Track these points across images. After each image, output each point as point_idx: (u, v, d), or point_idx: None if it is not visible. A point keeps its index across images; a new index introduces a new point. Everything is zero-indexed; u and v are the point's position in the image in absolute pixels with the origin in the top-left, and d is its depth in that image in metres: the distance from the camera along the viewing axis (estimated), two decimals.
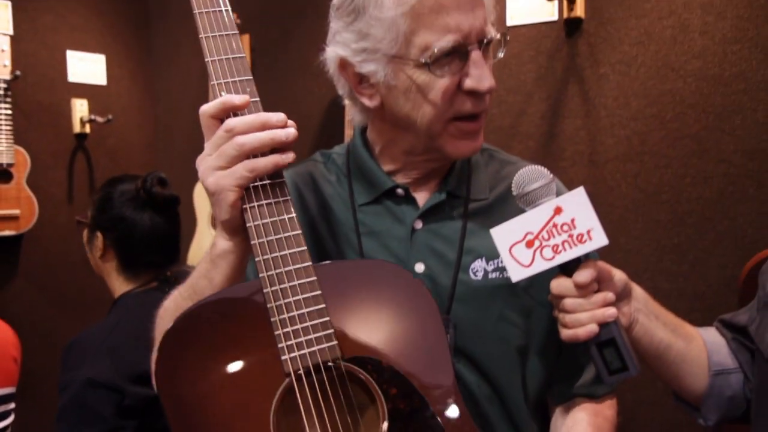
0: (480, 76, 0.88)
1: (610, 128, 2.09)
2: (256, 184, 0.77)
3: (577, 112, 2.14)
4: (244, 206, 0.77)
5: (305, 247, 0.77)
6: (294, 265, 0.75)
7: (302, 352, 0.72)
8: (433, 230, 0.97)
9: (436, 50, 0.86)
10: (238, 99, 0.78)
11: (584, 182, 2.13)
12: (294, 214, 0.78)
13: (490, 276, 0.96)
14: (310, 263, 0.76)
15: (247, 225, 0.76)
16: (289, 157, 0.78)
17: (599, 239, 0.78)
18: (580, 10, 2.08)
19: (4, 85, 2.43)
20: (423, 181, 1.00)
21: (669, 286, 2.04)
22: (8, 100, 2.44)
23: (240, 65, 0.80)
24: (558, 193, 1.05)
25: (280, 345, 0.72)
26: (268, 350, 0.73)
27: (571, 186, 2.20)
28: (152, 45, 3.17)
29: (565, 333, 0.82)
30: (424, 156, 0.97)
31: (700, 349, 0.95)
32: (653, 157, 2.03)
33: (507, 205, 0.97)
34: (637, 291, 0.89)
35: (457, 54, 0.87)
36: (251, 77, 0.81)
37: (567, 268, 0.81)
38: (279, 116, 0.78)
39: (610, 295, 0.80)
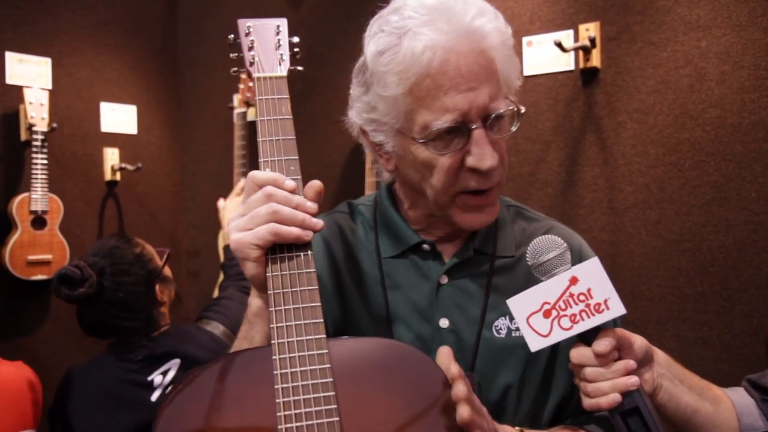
0: (481, 155, 0.87)
1: (628, 176, 2.09)
2: (283, 254, 0.80)
3: (595, 160, 2.15)
4: (267, 274, 0.79)
5: (321, 320, 0.78)
6: (307, 336, 0.76)
7: (300, 423, 0.70)
8: (459, 286, 0.98)
9: (434, 129, 0.86)
10: (289, 183, 0.82)
11: (603, 229, 2.13)
12: (316, 287, 0.79)
13: (513, 334, 0.96)
14: (324, 336, 0.77)
15: (268, 293, 0.78)
16: (309, 235, 0.81)
17: (617, 309, 0.78)
18: (596, 61, 2.11)
19: (41, 137, 2.54)
20: (449, 237, 1.01)
21: (693, 335, 2.00)
22: (45, 150, 2.55)
23: (289, 146, 0.87)
24: (579, 252, 1.06)
25: (278, 414, 0.71)
26: (267, 418, 0.71)
27: (591, 233, 2.22)
28: (181, 96, 3.29)
29: (588, 402, 0.81)
30: (445, 219, 0.98)
31: (729, 411, 0.93)
32: (673, 205, 2.02)
33: None
34: (660, 355, 0.87)
35: (459, 132, 0.87)
36: (297, 157, 0.87)
37: (586, 337, 0.81)
38: (314, 205, 0.82)
39: (631, 363, 0.80)
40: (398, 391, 0.77)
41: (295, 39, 1.01)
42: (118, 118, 2.99)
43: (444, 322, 0.96)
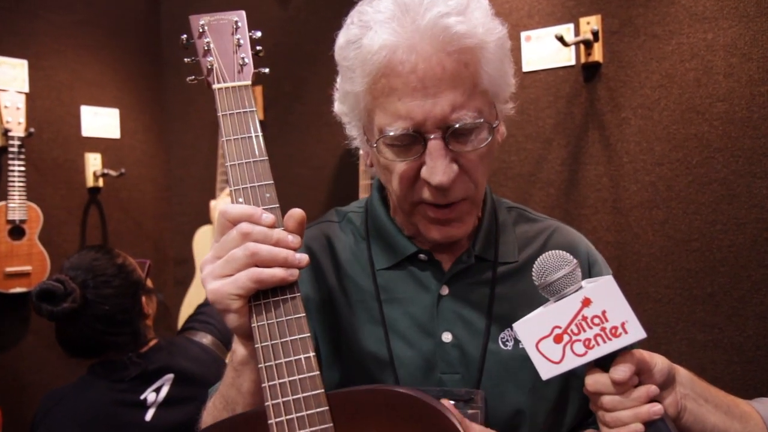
0: (433, 168, 0.80)
1: (633, 174, 2.02)
2: (267, 299, 0.72)
3: (598, 158, 2.08)
4: (252, 325, 0.71)
5: (317, 372, 0.70)
6: (304, 393, 0.68)
7: None
8: (460, 297, 0.92)
9: (388, 135, 0.80)
10: (267, 217, 0.73)
11: (608, 229, 2.05)
12: (308, 334, 0.71)
13: (521, 345, 0.89)
14: (322, 390, 0.69)
15: (255, 346, 0.70)
16: (295, 274, 0.73)
17: (635, 332, 0.72)
18: (598, 55, 2.03)
19: (18, 142, 2.43)
20: (446, 244, 0.94)
21: (704, 337, 1.93)
22: (22, 156, 2.44)
23: (261, 169, 0.77)
24: (587, 256, 0.99)
25: None
26: None
27: (596, 233, 2.14)
28: (165, 98, 3.19)
29: None
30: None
31: (759, 428, 0.86)
32: (681, 203, 1.96)
33: None
34: (682, 374, 0.81)
35: (415, 140, 0.80)
36: (272, 182, 0.77)
37: (602, 362, 0.74)
38: (296, 239, 0.74)
39: (653, 389, 0.73)
40: None
41: (257, 34, 0.90)
42: (100, 121, 2.88)
43: (447, 336, 0.90)
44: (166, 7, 3.18)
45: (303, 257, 0.73)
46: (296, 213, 0.75)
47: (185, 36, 0.91)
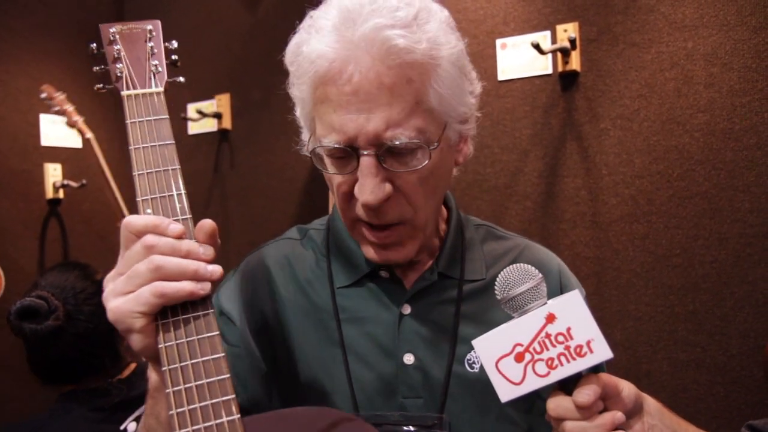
0: (361, 186, 0.76)
1: (613, 187, 1.95)
2: (177, 317, 0.65)
3: (576, 171, 2.01)
4: (159, 346, 0.64)
5: (233, 395, 0.63)
6: (217, 419, 0.62)
7: None
8: (424, 316, 0.88)
9: (325, 146, 0.77)
10: (174, 227, 0.67)
11: (587, 245, 1.98)
12: (222, 354, 0.65)
13: None
14: (237, 416, 0.62)
15: (163, 369, 0.63)
16: (206, 287, 0.66)
17: (601, 352, 0.68)
18: (575, 64, 1.97)
19: None
20: (408, 261, 0.89)
21: (686, 357, 1.87)
22: None
23: (172, 178, 0.73)
24: (558, 276, 0.93)
25: None
26: None
27: (574, 249, 2.06)
28: None
29: None
30: None
31: None
32: (662, 218, 1.89)
33: None
34: (650, 403, 0.77)
35: (351, 155, 0.76)
36: (183, 191, 0.72)
37: (566, 384, 0.70)
38: (208, 250, 0.68)
39: (618, 416, 0.69)
40: None
41: (173, 44, 0.87)
42: (60, 131, 2.76)
43: (409, 358, 0.86)
44: (129, 14, 3.07)
45: (216, 269, 0.67)
46: (206, 224, 0.69)
47: (94, 45, 0.86)
